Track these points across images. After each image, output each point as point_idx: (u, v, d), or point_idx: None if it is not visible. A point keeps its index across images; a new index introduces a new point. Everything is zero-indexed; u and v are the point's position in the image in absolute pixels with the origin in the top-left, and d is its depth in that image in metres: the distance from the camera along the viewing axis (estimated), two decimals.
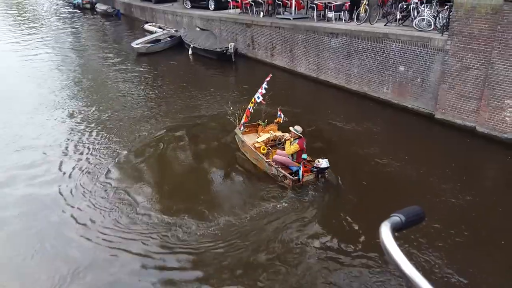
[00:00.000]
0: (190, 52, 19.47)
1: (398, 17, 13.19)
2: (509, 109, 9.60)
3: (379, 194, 7.97)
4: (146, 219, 7.36)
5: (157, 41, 21.00)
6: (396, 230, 1.15)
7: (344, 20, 15.00)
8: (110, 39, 24.59)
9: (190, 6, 23.33)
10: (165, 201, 7.96)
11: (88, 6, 34.70)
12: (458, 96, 10.54)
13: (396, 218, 1.18)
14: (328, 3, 15.65)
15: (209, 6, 21.81)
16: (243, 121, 9.56)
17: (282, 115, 9.57)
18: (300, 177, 8.06)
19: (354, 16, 14.38)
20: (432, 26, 11.64)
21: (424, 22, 11.92)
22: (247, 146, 9.24)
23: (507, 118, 9.69)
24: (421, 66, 11.33)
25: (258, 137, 9.48)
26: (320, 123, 11.24)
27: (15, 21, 30.89)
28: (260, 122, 9.97)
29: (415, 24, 12.07)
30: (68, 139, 10.69)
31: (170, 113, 12.38)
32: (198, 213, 7.50)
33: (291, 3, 16.87)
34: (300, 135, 8.17)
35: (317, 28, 14.50)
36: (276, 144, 9.30)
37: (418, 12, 12.52)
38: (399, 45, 11.74)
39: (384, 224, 1.15)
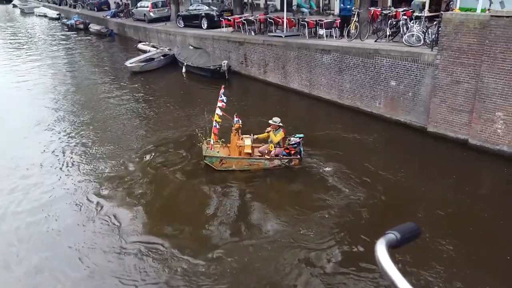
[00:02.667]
0: (183, 70, 19.57)
1: (388, 33, 13.42)
2: (500, 121, 9.70)
3: (374, 209, 7.97)
4: (143, 247, 7.16)
5: (150, 59, 21.12)
6: (392, 247, 1.15)
7: (335, 37, 15.23)
8: (104, 58, 24.71)
9: (183, 25, 23.56)
10: (163, 226, 7.77)
11: (81, 26, 34.86)
12: (449, 109, 10.66)
13: (391, 235, 1.17)
14: (319, 20, 15.90)
15: (202, 25, 22.03)
16: (213, 142, 9.60)
17: (240, 120, 9.71)
18: (301, 155, 9.60)
19: (345, 33, 14.61)
20: (422, 42, 11.84)
21: (414, 37, 12.13)
22: (232, 161, 9.53)
23: (498, 130, 9.79)
24: (412, 81, 11.47)
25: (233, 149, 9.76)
26: (315, 138, 11.24)
27: (10, 42, 30.98)
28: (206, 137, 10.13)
29: (404, 40, 12.28)
30: (60, 158, 10.65)
31: (163, 130, 12.37)
32: (198, 238, 7.43)
33: (283, 21, 17.10)
34: (280, 124, 9.44)
35: (309, 45, 14.69)
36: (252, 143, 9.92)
37: (407, 28, 12.77)
38: (389, 60, 11.91)
39: (380, 242, 1.14)
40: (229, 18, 20.28)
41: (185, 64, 19.45)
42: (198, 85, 18.24)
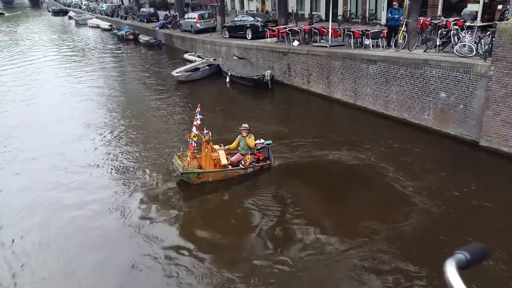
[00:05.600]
0: (227, 79, 19.90)
1: (438, 43, 13.00)
2: None
3: (429, 225, 7.63)
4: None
5: (196, 69, 21.65)
6: (461, 268, 1.12)
7: (382, 47, 14.97)
8: (152, 68, 25.58)
9: (228, 36, 24.00)
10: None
11: (131, 37, 36.22)
12: (504, 123, 10.15)
13: (461, 255, 1.14)
14: (366, 30, 15.70)
15: (247, 36, 22.35)
16: (189, 158, 9.54)
17: (210, 133, 9.72)
18: (271, 160, 10.26)
19: (392, 43, 14.33)
20: (474, 52, 11.38)
21: (466, 48, 11.69)
22: (209, 174, 9.61)
23: None
24: (463, 93, 11.05)
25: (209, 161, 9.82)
26: (360, 150, 11.03)
27: (66, 52, 32.82)
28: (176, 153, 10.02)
29: (456, 50, 11.85)
30: (108, 162, 11.19)
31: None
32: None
33: (328, 31, 17.03)
34: (249, 129, 9.95)
35: (354, 55, 14.53)
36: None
37: (458, 38, 12.32)
38: (439, 71, 11.54)
39: (449, 263, 1.11)
40: (273, 28, 20.47)
41: (229, 74, 19.78)
42: (241, 94, 18.49)
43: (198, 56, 24.73)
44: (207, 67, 21.80)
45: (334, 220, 8.01)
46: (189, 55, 25.70)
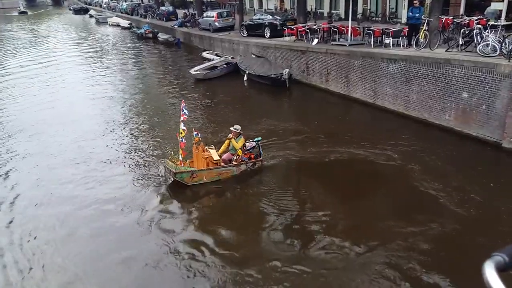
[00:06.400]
0: (245, 78, 19.91)
1: (460, 42, 12.76)
2: None
3: (460, 232, 7.45)
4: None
5: (214, 68, 21.73)
6: (500, 270, 1.10)
7: (402, 46, 14.78)
8: (170, 66, 25.80)
9: (246, 35, 24.02)
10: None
11: (150, 35, 36.44)
12: None
13: (499, 258, 1.12)
14: (386, 29, 15.51)
15: (265, 34, 22.34)
16: (181, 157, 9.42)
17: (199, 134, 9.68)
18: (261, 156, 10.24)
19: (413, 42, 14.13)
20: (498, 52, 11.15)
21: (489, 47, 11.45)
22: (202, 173, 9.47)
23: None
24: (486, 93, 10.83)
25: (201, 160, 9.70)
26: (380, 149, 10.91)
27: (87, 49, 33.34)
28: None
29: (479, 50, 11.63)
30: (122, 160, 11.32)
31: (214, 137, 12.59)
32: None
33: (347, 30, 16.89)
34: (240, 132, 9.84)
35: (374, 54, 14.39)
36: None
37: (481, 38, 12.07)
38: (462, 71, 11.34)
39: (488, 265, 1.09)
40: (292, 27, 20.40)
41: (247, 72, 19.79)
42: (259, 93, 18.49)
43: (216, 55, 24.80)
44: (225, 66, 21.86)
45: (353, 220, 7.96)
46: (207, 53, 25.78)
